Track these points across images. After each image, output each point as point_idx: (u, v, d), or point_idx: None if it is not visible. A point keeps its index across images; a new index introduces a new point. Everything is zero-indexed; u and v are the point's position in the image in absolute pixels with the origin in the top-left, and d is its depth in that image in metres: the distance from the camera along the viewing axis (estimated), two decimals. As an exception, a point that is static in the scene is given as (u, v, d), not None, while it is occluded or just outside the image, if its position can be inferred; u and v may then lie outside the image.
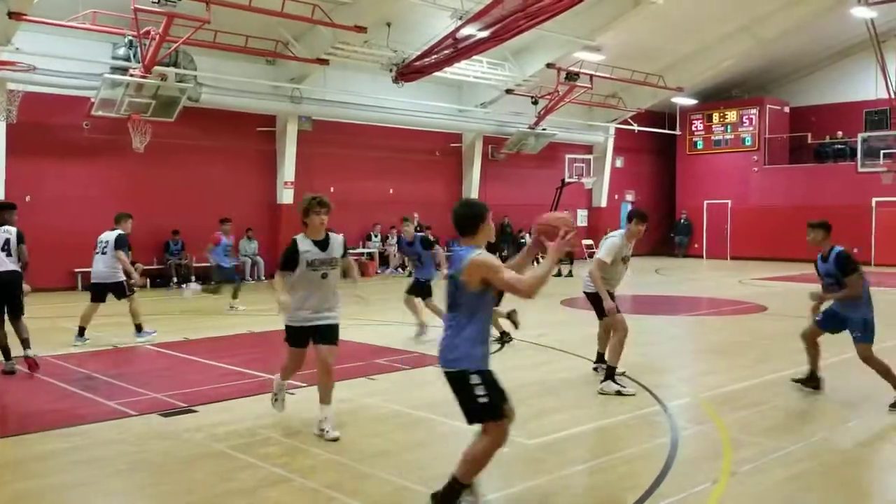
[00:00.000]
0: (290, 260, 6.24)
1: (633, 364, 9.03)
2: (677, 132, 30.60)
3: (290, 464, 5.61)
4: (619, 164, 30.53)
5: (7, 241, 8.72)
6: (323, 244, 6.34)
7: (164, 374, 8.81)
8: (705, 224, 30.43)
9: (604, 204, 29.91)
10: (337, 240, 6.45)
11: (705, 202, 30.31)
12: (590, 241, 29.22)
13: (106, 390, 7.91)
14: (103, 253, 10.50)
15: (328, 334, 6.34)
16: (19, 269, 8.80)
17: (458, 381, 4.46)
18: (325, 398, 6.29)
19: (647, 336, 10.97)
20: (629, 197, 31.55)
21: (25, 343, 8.78)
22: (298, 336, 6.38)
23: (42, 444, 6.16)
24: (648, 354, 10.04)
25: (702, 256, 29.96)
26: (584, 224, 29.87)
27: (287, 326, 6.41)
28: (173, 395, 7.63)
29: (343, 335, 10.90)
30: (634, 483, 5.21)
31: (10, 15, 14.55)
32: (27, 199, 16.80)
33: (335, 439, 6.12)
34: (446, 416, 6.89)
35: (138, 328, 10.77)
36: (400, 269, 22.99)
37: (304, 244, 6.28)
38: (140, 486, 5.38)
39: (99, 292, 10.61)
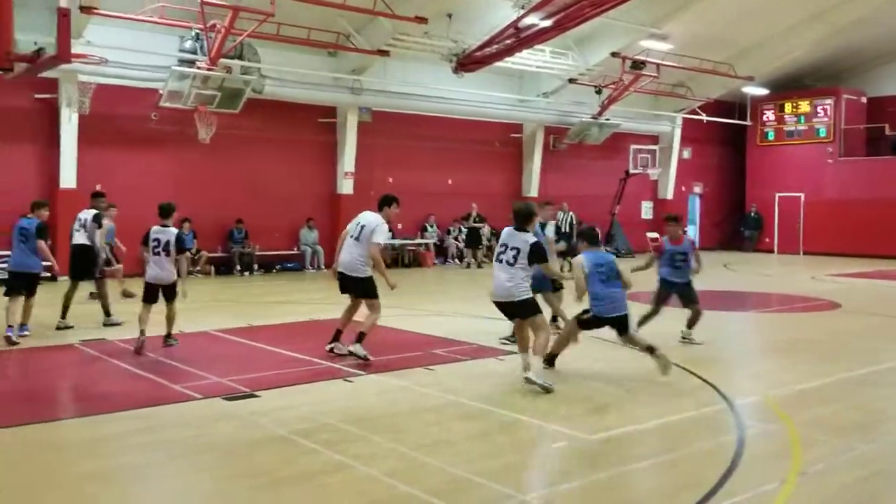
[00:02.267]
0: None
1: (699, 359, 8.85)
2: (748, 122, 29.73)
3: (350, 450, 5.63)
4: (686, 154, 29.80)
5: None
6: None
7: (228, 360, 8.96)
8: (777, 217, 29.49)
9: (670, 196, 29.28)
10: None
11: (776, 195, 29.36)
12: (655, 234, 28.73)
13: (173, 374, 8.10)
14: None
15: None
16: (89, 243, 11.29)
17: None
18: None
19: (713, 332, 10.69)
20: (697, 189, 30.82)
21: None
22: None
23: (112, 426, 6.32)
24: (715, 350, 9.79)
25: (772, 251, 29.09)
26: (650, 216, 29.34)
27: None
28: (237, 379, 7.76)
29: (402, 325, 11.04)
30: (698, 481, 5.06)
31: (82, 9, 14.93)
32: (97, 187, 17.29)
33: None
34: (503, 407, 6.85)
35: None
36: (457, 260, 23.01)
37: None
38: (205, 468, 5.47)
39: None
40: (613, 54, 22.18)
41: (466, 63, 20.15)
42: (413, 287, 17.68)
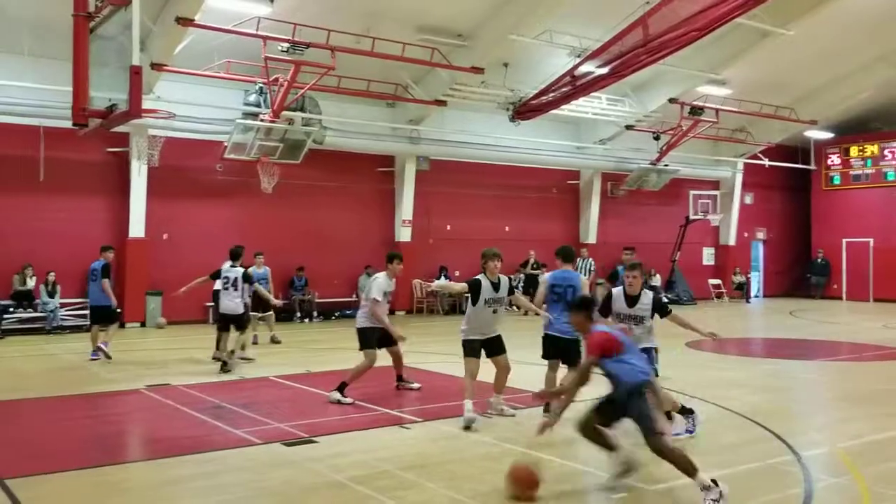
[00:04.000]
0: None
1: (765, 410, 8.58)
2: (812, 167, 29.11)
3: (406, 497, 5.61)
4: (748, 200, 29.30)
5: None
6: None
7: (287, 405, 9.08)
8: (844, 264, 28.61)
9: (732, 242, 28.71)
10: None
11: (844, 240, 28.50)
12: (717, 281, 28.14)
13: (233, 419, 8.23)
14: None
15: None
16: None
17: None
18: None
19: (780, 381, 10.39)
20: (760, 235, 30.16)
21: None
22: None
23: (173, 469, 6.45)
24: (782, 400, 9.50)
25: (841, 298, 28.17)
26: (712, 263, 28.79)
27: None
28: (295, 425, 7.84)
29: (458, 372, 10.96)
30: (765, 535, 4.88)
31: (153, 66, 15.73)
32: (165, 236, 17.93)
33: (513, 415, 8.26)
34: (562, 457, 6.74)
35: None
36: (515, 307, 22.86)
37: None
38: (260, 513, 5.51)
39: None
40: (671, 100, 22.12)
41: (523, 111, 20.34)
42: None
